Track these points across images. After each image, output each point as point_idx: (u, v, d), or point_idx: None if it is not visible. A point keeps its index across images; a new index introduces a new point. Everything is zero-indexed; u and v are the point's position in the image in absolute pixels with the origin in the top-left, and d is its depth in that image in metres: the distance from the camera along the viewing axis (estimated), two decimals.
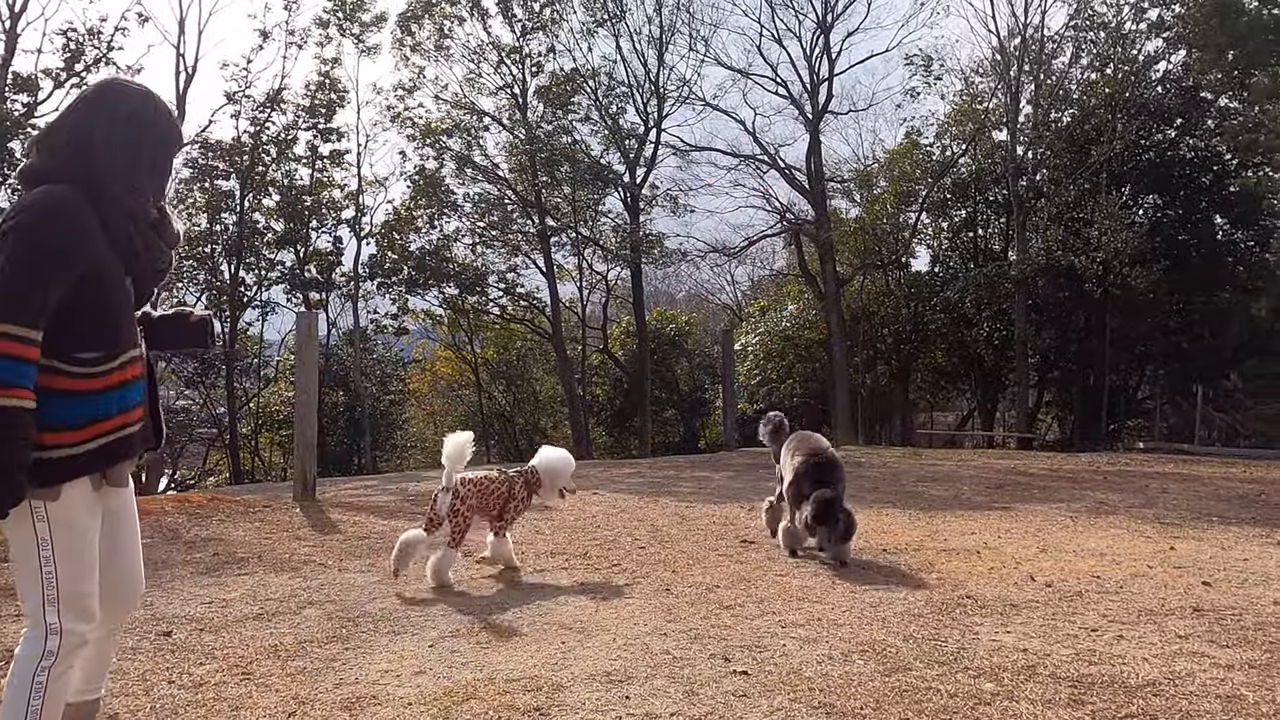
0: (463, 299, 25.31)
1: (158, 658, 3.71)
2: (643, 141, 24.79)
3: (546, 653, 3.68)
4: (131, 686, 3.37)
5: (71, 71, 17.73)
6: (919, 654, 3.58)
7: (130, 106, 2.32)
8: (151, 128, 2.36)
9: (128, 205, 2.27)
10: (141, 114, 2.34)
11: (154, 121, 2.37)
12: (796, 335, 28.47)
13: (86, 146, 2.24)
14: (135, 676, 3.48)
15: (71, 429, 2.18)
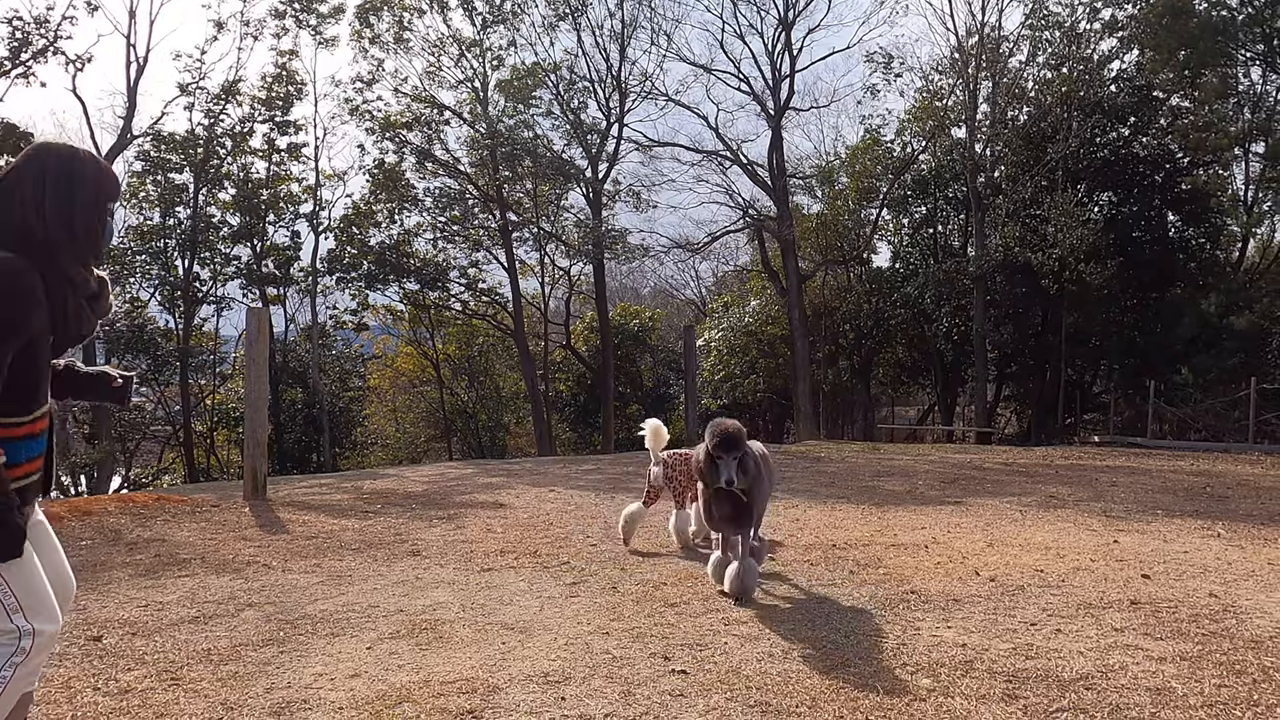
0: (424, 294, 25.10)
1: (85, 664, 3.62)
2: (605, 137, 24.72)
3: (486, 654, 3.64)
4: (55, 694, 3.28)
5: (17, 60, 17.28)
6: (859, 651, 3.58)
7: (59, 170, 2.33)
8: (80, 190, 2.35)
9: (71, 275, 2.29)
10: (70, 177, 2.34)
11: (82, 184, 2.36)
12: (759, 331, 28.58)
13: (25, 214, 2.26)
14: (60, 683, 3.39)
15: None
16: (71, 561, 5.63)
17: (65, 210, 2.30)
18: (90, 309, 2.38)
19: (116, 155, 20.81)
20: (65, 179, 2.33)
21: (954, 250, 26.88)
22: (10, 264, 2.17)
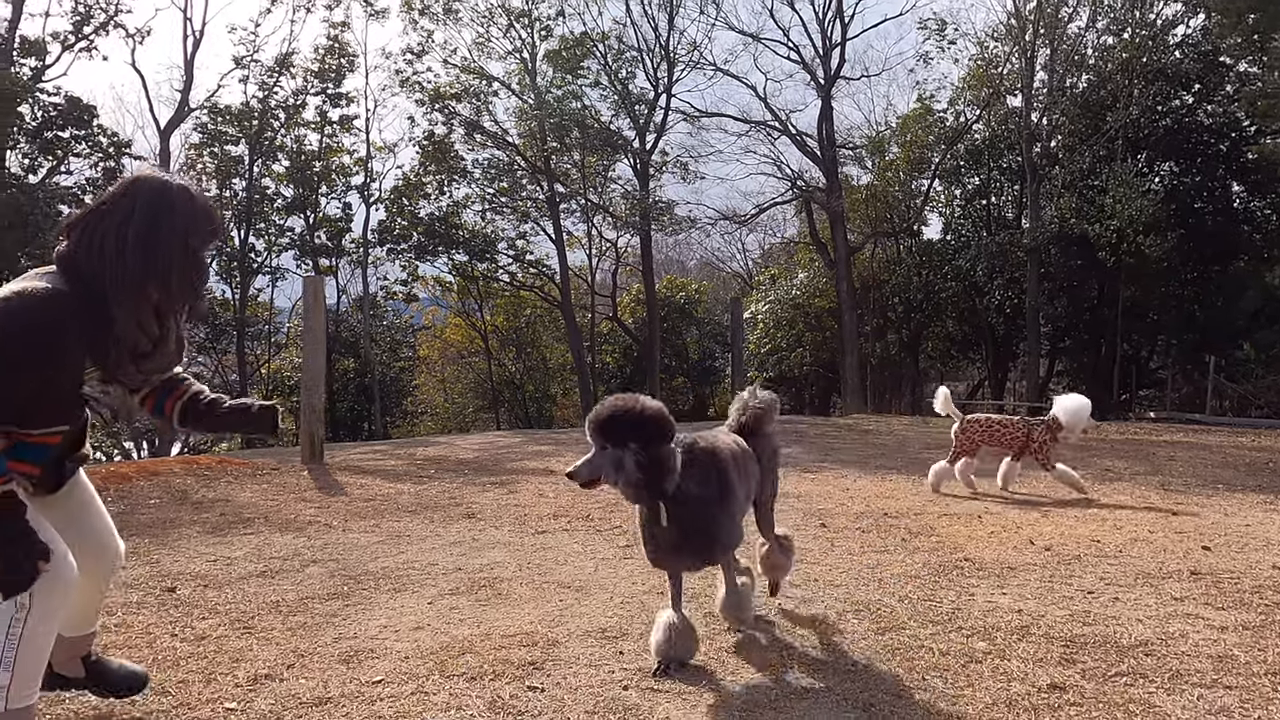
0: (472, 266, 25.30)
1: (162, 612, 3.77)
2: (653, 107, 24.59)
3: (544, 610, 3.72)
4: (136, 639, 3.42)
5: (80, 35, 17.66)
6: (913, 614, 3.59)
7: (153, 212, 2.25)
8: (170, 234, 2.27)
9: (119, 329, 2.25)
10: (160, 221, 2.26)
11: (173, 226, 2.28)
12: (806, 304, 28.38)
13: (100, 253, 2.21)
14: (139, 630, 3.53)
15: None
16: (142, 519, 5.86)
17: (146, 245, 2.23)
18: (135, 365, 2.33)
19: (174, 128, 21.25)
20: (150, 211, 2.25)
21: (1007, 222, 26.36)
22: (42, 304, 2.14)
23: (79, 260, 2.22)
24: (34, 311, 2.13)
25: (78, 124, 16.43)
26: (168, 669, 3.10)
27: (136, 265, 2.22)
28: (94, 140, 16.76)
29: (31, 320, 2.13)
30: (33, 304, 2.13)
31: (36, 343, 2.14)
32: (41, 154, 16.62)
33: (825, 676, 2.92)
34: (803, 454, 9.82)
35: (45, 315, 2.14)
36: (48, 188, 16.07)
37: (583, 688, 2.85)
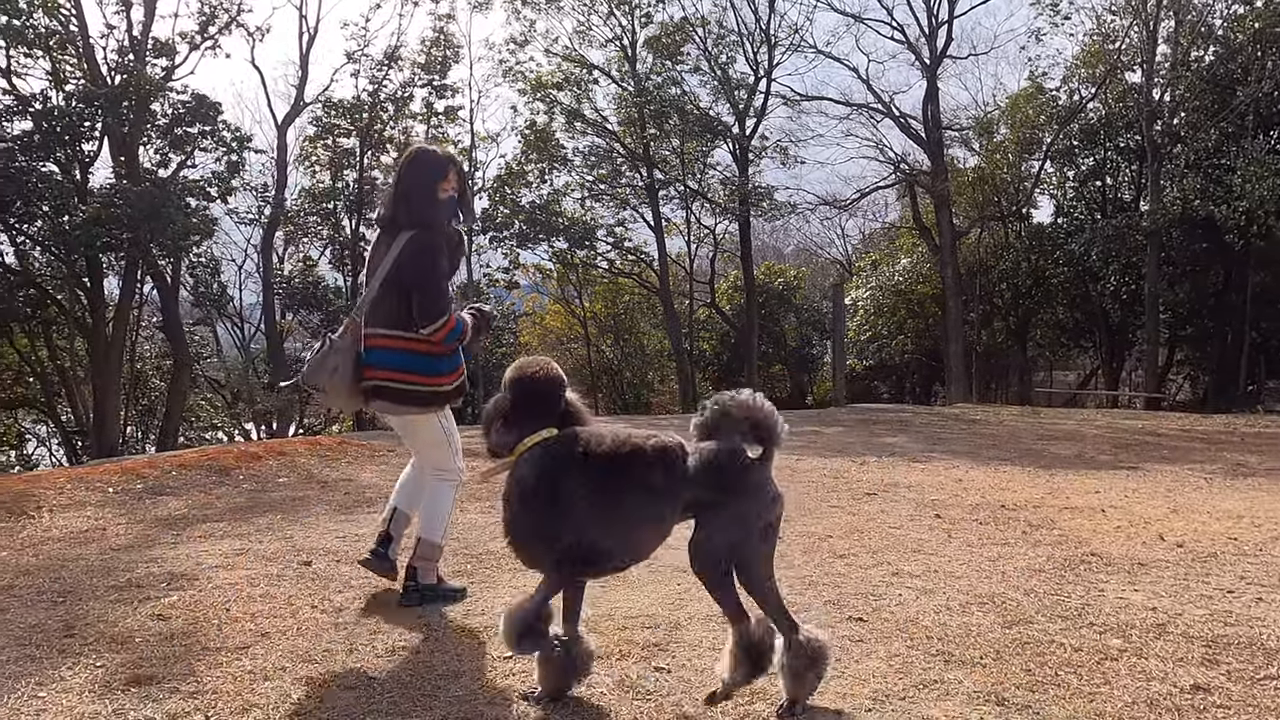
0: (572, 253, 25.60)
1: (301, 584, 3.97)
2: (752, 92, 24.38)
3: (663, 593, 3.77)
4: (280, 609, 3.62)
5: (205, 34, 18.54)
6: (1040, 608, 3.51)
7: (436, 168, 3.61)
8: (431, 177, 3.59)
9: (454, 240, 3.66)
10: (429, 168, 3.61)
11: (431, 171, 3.60)
12: (909, 290, 27.75)
13: (426, 202, 3.57)
14: (282, 600, 3.74)
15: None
16: (274, 496, 6.16)
17: (410, 193, 3.57)
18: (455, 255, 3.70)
19: (291, 122, 22.12)
20: (408, 170, 3.64)
21: (1125, 204, 25.19)
22: (439, 238, 3.57)
23: (417, 212, 3.58)
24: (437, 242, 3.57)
25: (204, 120, 17.26)
26: (311, 638, 3.27)
27: (412, 196, 3.60)
28: (219, 135, 17.57)
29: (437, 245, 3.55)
30: (435, 241, 3.57)
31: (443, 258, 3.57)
32: (171, 149, 17.53)
33: (954, 668, 2.89)
34: (910, 443, 9.66)
35: (436, 241, 3.56)
36: (177, 181, 16.94)
37: (708, 670, 2.89)
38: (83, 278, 17.48)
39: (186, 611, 3.60)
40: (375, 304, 3.57)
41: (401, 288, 3.49)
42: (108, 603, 3.74)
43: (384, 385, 3.58)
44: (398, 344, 3.55)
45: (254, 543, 4.91)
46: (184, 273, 19.31)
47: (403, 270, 3.48)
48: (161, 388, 21.23)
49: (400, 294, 3.51)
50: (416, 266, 3.47)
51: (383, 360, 3.56)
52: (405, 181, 3.59)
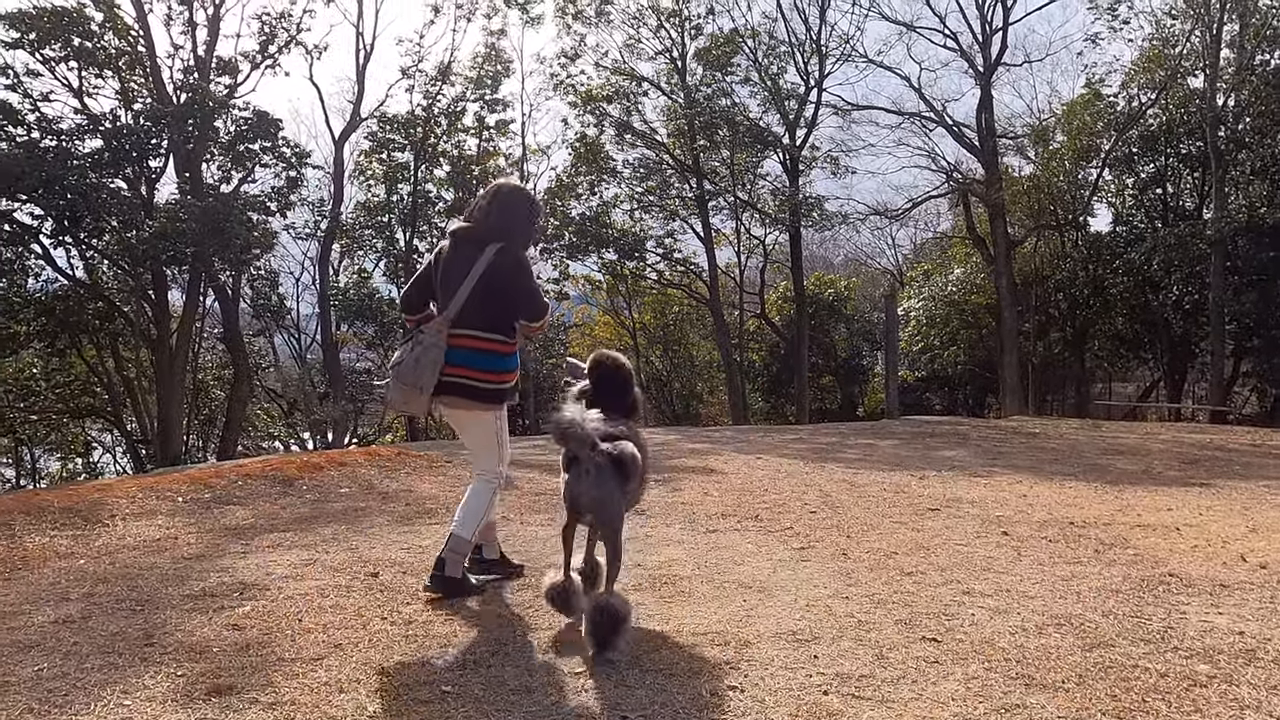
0: (621, 264, 25.67)
1: (369, 596, 4.01)
2: (803, 102, 24.28)
3: (729, 610, 3.74)
4: (350, 620, 3.66)
5: (265, 54, 18.98)
6: (1120, 631, 3.42)
7: (537, 205, 4.22)
8: (532, 209, 4.13)
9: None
10: (528, 201, 4.14)
11: (531, 205, 4.15)
12: (962, 300, 27.34)
13: (524, 227, 4.07)
14: (352, 612, 3.78)
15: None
16: (336, 506, 6.23)
17: (515, 216, 4.01)
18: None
19: (347, 137, 22.56)
20: (516, 196, 4.08)
21: (1187, 212, 24.57)
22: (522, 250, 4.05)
23: (504, 229, 3.94)
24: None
25: (265, 136, 17.69)
26: (383, 650, 3.30)
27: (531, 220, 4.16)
28: (279, 151, 17.99)
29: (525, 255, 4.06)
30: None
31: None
32: (233, 165, 17.98)
33: (1035, 692, 2.82)
34: (969, 457, 9.50)
35: (524, 254, 4.07)
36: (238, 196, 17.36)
37: (782, 690, 2.85)
38: (148, 290, 17.98)
39: (260, 621, 3.65)
40: (465, 306, 3.85)
41: (502, 293, 3.86)
42: (184, 612, 3.81)
43: (459, 381, 3.87)
44: (481, 344, 3.88)
45: (320, 553, 4.98)
46: (244, 285, 19.74)
47: (505, 277, 3.86)
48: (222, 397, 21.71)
49: (496, 297, 3.85)
50: (522, 273, 3.91)
51: (465, 359, 3.87)
52: (512, 206, 4.00)
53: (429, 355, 3.82)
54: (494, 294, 3.85)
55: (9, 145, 15.78)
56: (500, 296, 3.87)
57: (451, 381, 3.87)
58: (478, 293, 3.84)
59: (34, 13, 16.22)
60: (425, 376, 3.82)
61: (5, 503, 6.10)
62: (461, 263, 3.90)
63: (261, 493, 6.68)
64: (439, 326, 3.86)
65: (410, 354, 3.85)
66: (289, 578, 4.36)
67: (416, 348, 3.84)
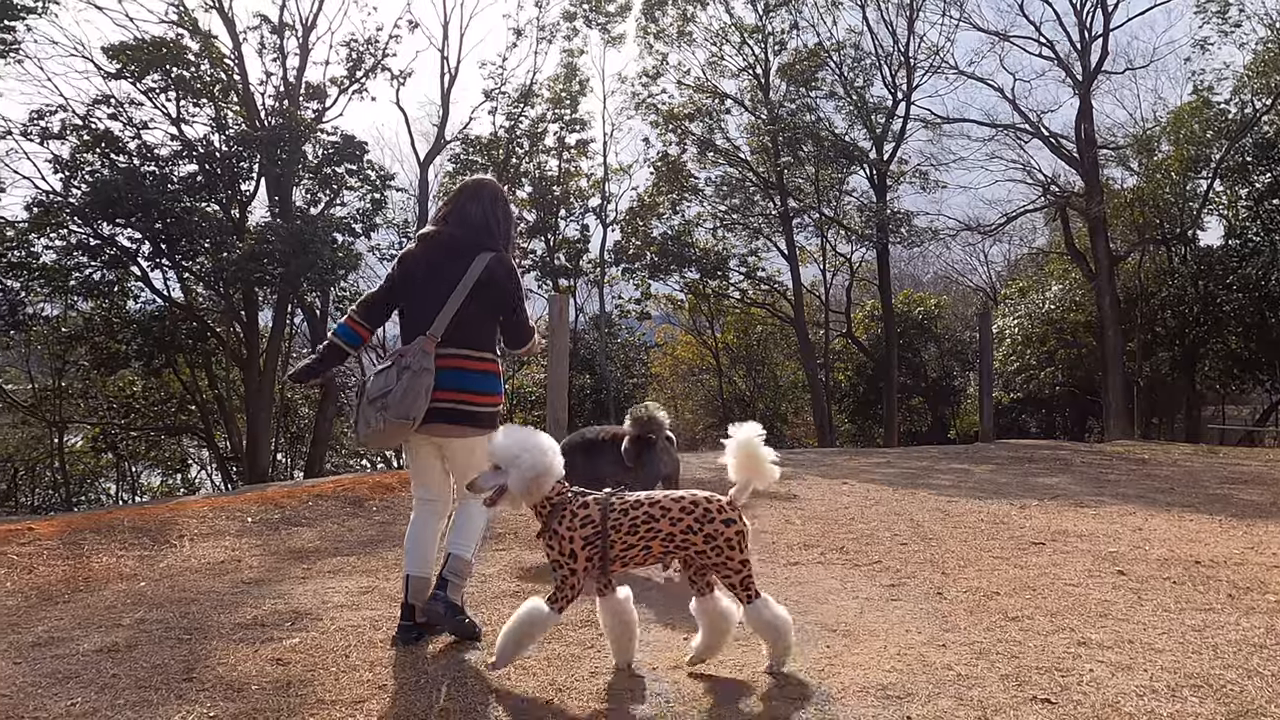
0: (704, 283, 25.35)
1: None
2: (890, 115, 23.65)
3: (810, 656, 3.37)
4: (400, 657, 3.42)
5: (353, 78, 19.39)
6: (1271, 695, 2.93)
7: (504, 198, 3.79)
8: (508, 208, 3.75)
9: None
10: (507, 201, 3.77)
11: (509, 205, 3.77)
12: (1060, 318, 26.15)
13: (508, 231, 3.71)
14: (404, 650, 3.53)
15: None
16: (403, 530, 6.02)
17: (500, 219, 3.72)
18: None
19: (432, 159, 22.84)
20: (499, 198, 3.78)
21: None
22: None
23: (498, 235, 3.66)
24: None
25: (351, 159, 18.02)
26: (429, 695, 3.04)
27: (509, 222, 3.80)
28: (364, 174, 18.30)
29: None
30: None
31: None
32: (320, 188, 18.37)
33: None
34: (1073, 485, 8.84)
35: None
36: (325, 218, 17.69)
37: None
38: (239, 311, 18.45)
39: (306, 656, 3.44)
40: (453, 322, 3.42)
41: (495, 307, 3.46)
42: (230, 642, 3.64)
43: (453, 407, 3.44)
44: (473, 364, 3.48)
45: (380, 580, 4.79)
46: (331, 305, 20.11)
47: (497, 290, 3.45)
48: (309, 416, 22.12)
49: (488, 312, 3.46)
50: (516, 287, 3.52)
51: (457, 382, 3.45)
52: (494, 208, 3.63)
53: (420, 381, 3.35)
54: (486, 308, 3.48)
55: (111, 172, 16.40)
56: (492, 311, 3.50)
57: (443, 408, 3.43)
58: (468, 307, 3.42)
59: (135, 44, 16.89)
60: (418, 405, 3.35)
61: (77, 521, 6.11)
62: (444, 272, 3.45)
63: (331, 514, 6.56)
64: (425, 347, 3.39)
65: (398, 382, 3.35)
66: (344, 606, 4.17)
67: (404, 374, 3.35)
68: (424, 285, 3.50)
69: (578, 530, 2.99)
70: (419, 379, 3.34)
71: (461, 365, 3.45)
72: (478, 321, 3.47)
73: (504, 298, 3.49)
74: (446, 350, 3.43)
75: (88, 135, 16.79)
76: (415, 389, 3.33)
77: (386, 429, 3.38)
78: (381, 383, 3.41)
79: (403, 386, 3.34)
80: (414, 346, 3.40)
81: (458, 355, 3.45)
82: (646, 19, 23.82)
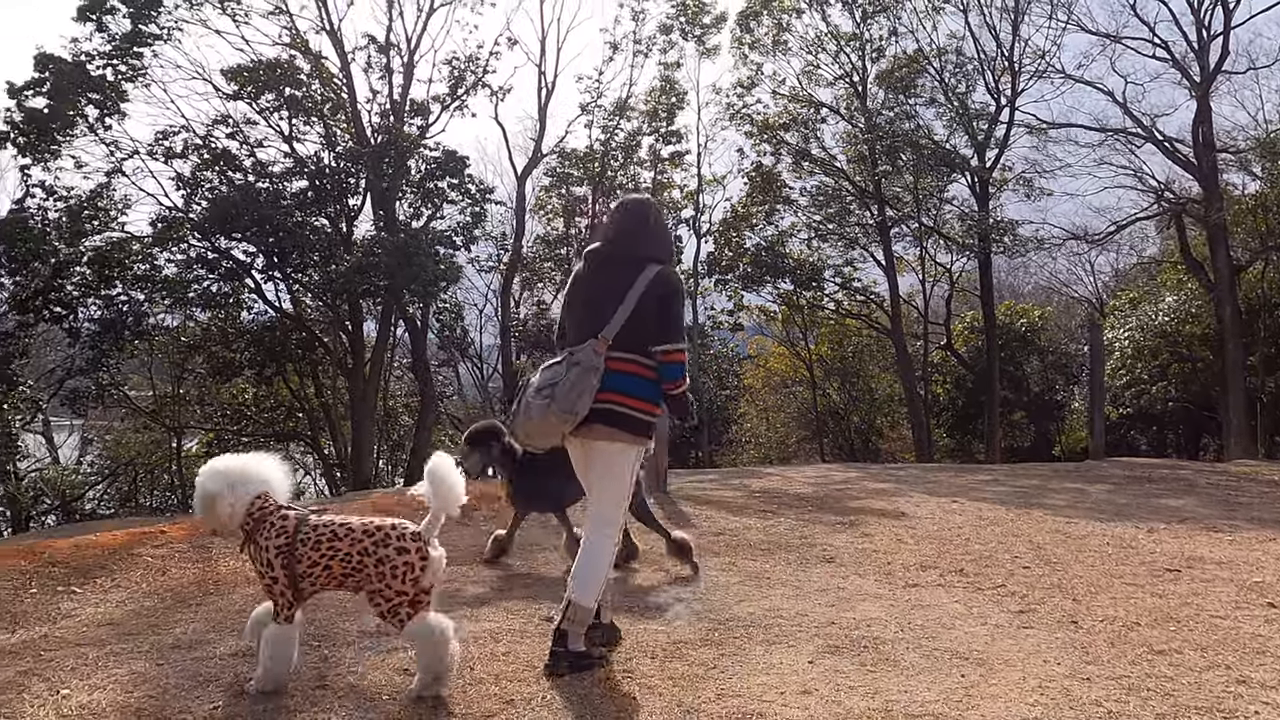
0: (797, 294, 25.05)
1: (542, 644, 3.75)
2: (993, 121, 22.97)
3: (944, 686, 3.25)
4: (523, 672, 3.43)
5: (455, 96, 19.83)
6: None
7: (662, 215, 3.92)
8: (666, 224, 4.01)
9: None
10: (663, 216, 3.93)
11: (665, 220, 3.97)
12: (1174, 331, 24.93)
13: (668, 242, 3.89)
14: (525, 661, 3.55)
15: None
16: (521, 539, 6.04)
17: (660, 234, 3.83)
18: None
19: (529, 172, 23.17)
20: (657, 215, 3.83)
21: None
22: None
23: (665, 249, 3.81)
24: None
25: (453, 174, 18.40)
26: (556, 713, 3.03)
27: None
28: (465, 188, 18.68)
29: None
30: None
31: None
32: (423, 202, 18.82)
33: None
34: (1200, 508, 8.38)
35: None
36: (427, 231, 18.11)
37: None
38: (345, 322, 19.01)
39: None
40: (624, 328, 3.49)
41: (654, 314, 3.51)
42: (358, 650, 3.70)
43: (612, 409, 3.46)
44: (637, 369, 3.51)
45: (495, 590, 4.83)
46: (432, 317, 20.55)
47: (662, 299, 3.53)
48: (409, 424, 22.64)
49: (648, 320, 3.50)
50: (679, 297, 3.61)
51: (622, 384, 3.48)
52: (655, 223, 3.74)
53: (588, 377, 3.39)
54: (652, 317, 3.51)
55: (228, 188, 17.13)
56: (656, 321, 3.52)
57: (602, 409, 3.44)
58: (637, 315, 3.48)
59: (252, 67, 17.62)
60: (583, 400, 3.37)
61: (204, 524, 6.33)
62: (614, 282, 3.53)
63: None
64: (596, 348, 3.45)
65: (567, 374, 3.41)
66: (463, 617, 4.20)
67: (573, 369, 3.41)
68: (591, 293, 3.59)
69: (272, 541, 3.07)
70: (587, 375, 3.39)
71: (628, 369, 3.49)
72: (644, 329, 3.50)
73: (663, 306, 3.53)
74: (616, 353, 3.48)
75: (207, 154, 17.57)
76: (582, 384, 3.37)
77: (547, 420, 3.42)
78: (550, 375, 3.49)
79: (571, 379, 3.38)
80: (585, 346, 3.47)
81: (627, 359, 3.49)
82: (741, 30, 23.71)
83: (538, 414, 3.43)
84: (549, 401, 3.40)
